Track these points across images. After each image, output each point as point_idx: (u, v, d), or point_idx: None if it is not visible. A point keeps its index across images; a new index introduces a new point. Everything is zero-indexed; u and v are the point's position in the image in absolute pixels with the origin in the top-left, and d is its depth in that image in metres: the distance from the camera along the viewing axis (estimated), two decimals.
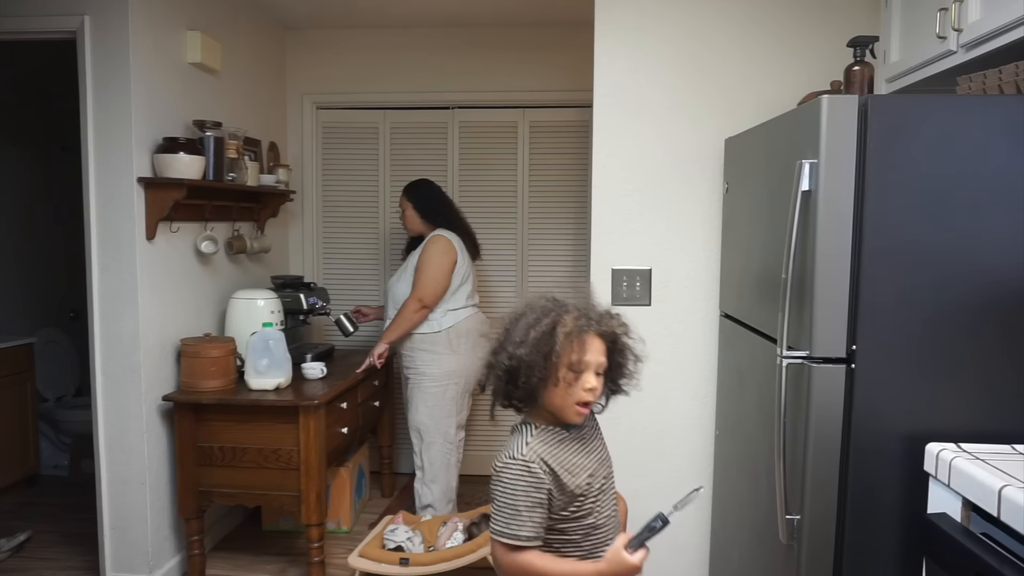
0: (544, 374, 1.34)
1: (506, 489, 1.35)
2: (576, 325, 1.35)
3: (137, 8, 2.63)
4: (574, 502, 1.38)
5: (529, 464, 1.35)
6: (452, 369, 3.10)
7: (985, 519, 1.34)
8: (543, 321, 1.36)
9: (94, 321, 2.69)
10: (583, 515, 1.40)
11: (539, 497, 1.34)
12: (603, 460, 1.48)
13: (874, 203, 1.62)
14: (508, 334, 1.40)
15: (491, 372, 1.42)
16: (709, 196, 2.56)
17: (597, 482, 1.42)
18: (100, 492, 2.75)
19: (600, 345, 1.38)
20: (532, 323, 1.37)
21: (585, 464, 1.41)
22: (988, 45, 1.72)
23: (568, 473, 1.37)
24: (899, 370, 1.63)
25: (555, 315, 1.37)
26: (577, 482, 1.38)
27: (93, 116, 2.63)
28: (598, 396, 1.40)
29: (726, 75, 2.53)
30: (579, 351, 1.35)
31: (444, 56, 3.92)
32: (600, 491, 1.43)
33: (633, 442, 2.63)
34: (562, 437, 1.42)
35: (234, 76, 3.37)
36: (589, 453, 1.44)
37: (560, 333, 1.34)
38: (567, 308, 1.39)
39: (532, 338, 1.34)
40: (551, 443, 1.39)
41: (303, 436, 2.71)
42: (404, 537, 2.77)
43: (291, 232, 4.07)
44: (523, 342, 1.35)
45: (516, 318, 1.41)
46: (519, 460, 1.36)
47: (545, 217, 3.96)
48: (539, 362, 1.34)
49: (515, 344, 1.36)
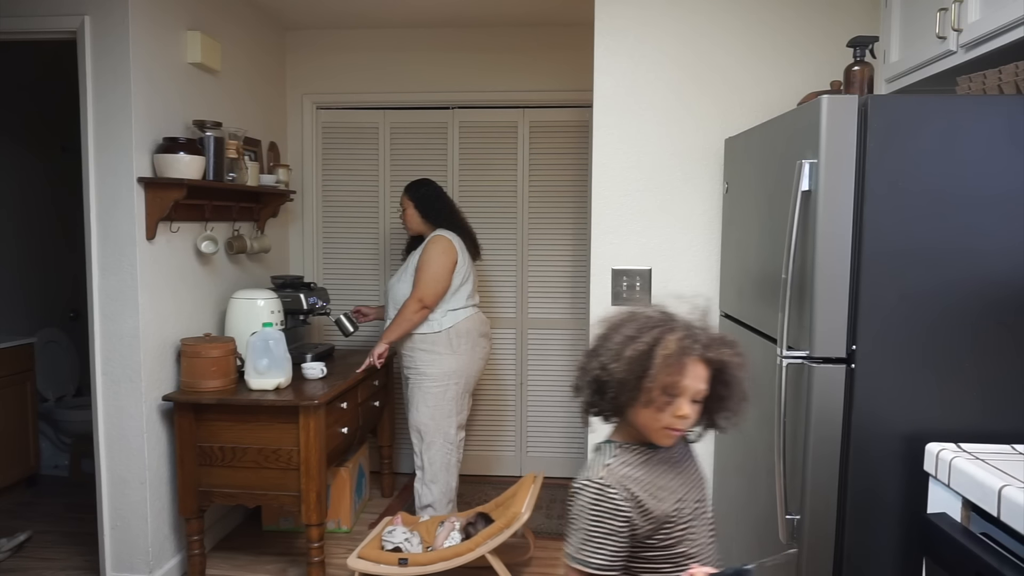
0: (635, 394, 1.23)
1: (581, 513, 1.25)
2: (679, 347, 1.22)
3: (137, 8, 2.63)
4: (661, 529, 1.26)
5: (606, 489, 1.24)
6: (452, 369, 3.10)
7: (985, 519, 1.34)
8: (643, 337, 1.23)
9: (94, 321, 2.69)
10: (672, 543, 1.27)
11: (615, 526, 1.23)
12: (695, 483, 1.34)
13: (874, 203, 1.62)
14: (604, 342, 1.28)
15: (581, 377, 1.32)
16: (709, 196, 2.56)
17: (687, 507, 1.29)
18: (100, 492, 2.75)
19: (703, 372, 1.24)
20: (631, 337, 1.24)
21: (673, 487, 1.29)
22: (988, 45, 1.72)
23: (653, 497, 1.26)
24: (899, 370, 1.63)
25: (658, 332, 1.23)
26: (664, 507, 1.26)
27: (93, 116, 2.63)
28: (691, 424, 1.27)
29: (726, 75, 2.53)
30: (677, 374, 1.22)
31: (444, 56, 3.93)
32: (692, 517, 1.30)
33: None
34: (648, 457, 1.30)
35: (234, 76, 3.37)
36: (678, 475, 1.32)
37: (659, 354, 1.21)
38: (673, 326, 1.25)
39: (628, 355, 1.22)
40: (634, 464, 1.28)
41: (303, 436, 2.71)
42: (402, 538, 2.77)
43: (291, 232, 4.07)
44: (618, 357, 1.23)
45: (616, 325, 1.29)
46: (595, 484, 1.25)
47: (545, 217, 3.96)
48: (631, 381, 1.22)
49: (609, 356, 1.25)
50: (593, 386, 1.28)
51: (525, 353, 4.03)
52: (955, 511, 1.42)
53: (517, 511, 2.73)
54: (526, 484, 2.95)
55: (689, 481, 1.33)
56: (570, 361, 3.99)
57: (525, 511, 2.74)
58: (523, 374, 4.04)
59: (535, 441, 4.06)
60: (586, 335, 3.79)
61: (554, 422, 4.04)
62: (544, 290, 3.99)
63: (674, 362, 1.21)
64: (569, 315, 3.98)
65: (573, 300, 3.97)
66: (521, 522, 2.70)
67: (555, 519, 3.52)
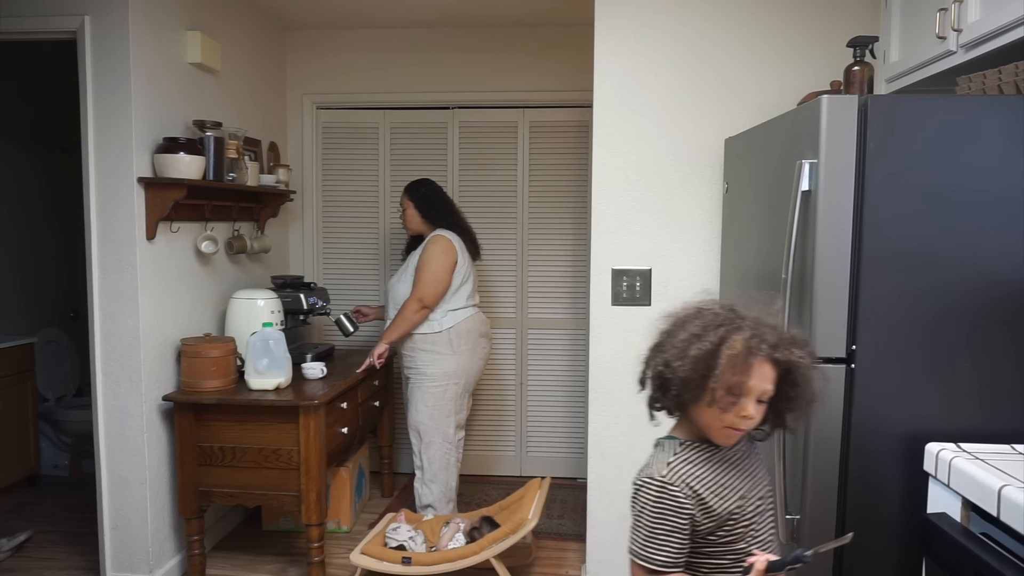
0: (698, 393, 1.22)
1: (644, 510, 1.25)
2: (746, 347, 1.19)
3: (137, 8, 2.63)
4: (723, 526, 1.25)
5: (669, 487, 1.23)
6: (452, 369, 3.10)
7: (985, 519, 1.34)
8: (709, 336, 1.20)
9: (94, 321, 2.69)
10: (734, 540, 1.26)
11: (679, 523, 1.22)
12: (757, 480, 1.33)
13: (874, 203, 1.62)
14: (669, 338, 1.26)
15: (645, 372, 1.30)
16: (709, 196, 2.56)
17: (750, 505, 1.28)
18: (100, 492, 2.75)
19: (770, 372, 1.21)
20: (696, 335, 1.22)
21: (736, 485, 1.27)
22: (988, 45, 1.72)
23: (716, 496, 1.25)
24: (899, 370, 1.63)
25: (724, 331, 1.21)
26: (726, 505, 1.25)
27: (93, 116, 2.63)
28: (755, 424, 1.25)
29: (726, 75, 2.53)
30: (742, 374, 1.19)
31: (444, 56, 3.93)
32: (755, 514, 1.29)
33: (633, 441, 2.63)
34: (711, 454, 1.28)
35: (234, 76, 3.37)
36: (741, 472, 1.30)
37: (724, 355, 1.18)
38: (741, 325, 1.22)
39: (692, 355, 1.20)
40: (697, 462, 1.27)
41: (303, 436, 2.71)
42: (406, 536, 2.77)
43: (291, 232, 4.07)
44: (682, 356, 1.21)
45: (681, 322, 1.26)
46: (658, 481, 1.24)
47: (545, 217, 3.96)
48: (695, 380, 1.20)
49: (673, 354, 1.22)
50: (656, 382, 1.27)
51: (525, 353, 4.03)
52: (955, 511, 1.42)
53: (524, 517, 2.72)
54: (533, 489, 2.93)
55: (752, 478, 1.31)
56: (570, 361, 3.99)
57: (532, 518, 2.72)
58: (523, 374, 4.04)
59: (535, 441, 4.06)
60: (586, 335, 3.79)
61: (554, 422, 4.04)
62: (544, 290, 3.99)
63: (740, 362, 1.18)
64: (569, 315, 3.98)
65: (573, 300, 3.97)
66: (528, 529, 2.69)
67: (555, 519, 3.52)
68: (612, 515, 2.68)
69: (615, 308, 2.62)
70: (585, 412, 3.54)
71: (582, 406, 3.95)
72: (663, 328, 1.30)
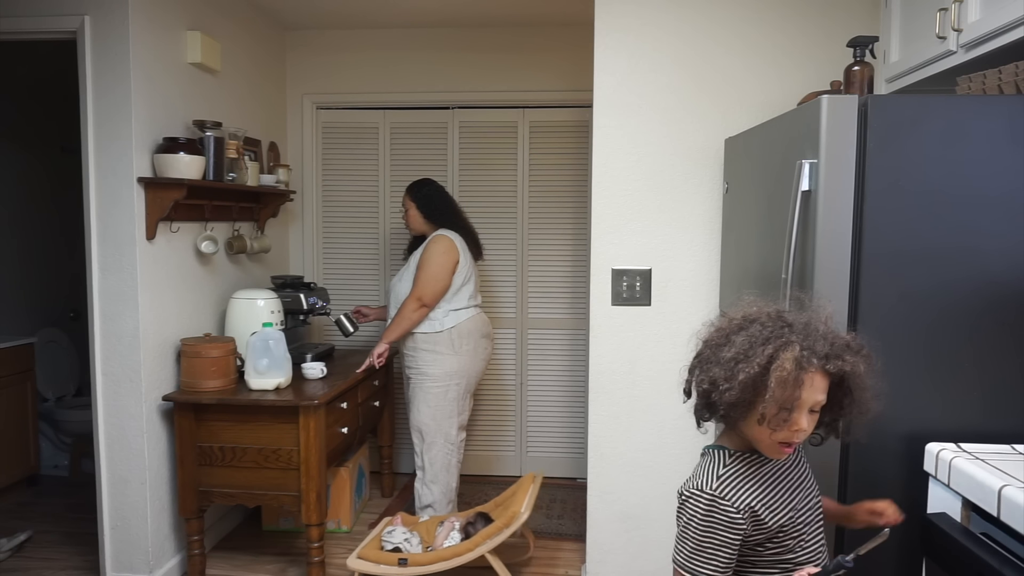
0: (747, 412, 1.18)
1: (691, 522, 1.21)
2: (796, 365, 1.14)
3: (137, 8, 2.63)
4: (774, 538, 1.23)
5: (720, 502, 1.19)
6: (454, 370, 3.10)
7: (985, 519, 1.34)
8: (756, 357, 1.14)
9: (94, 321, 2.69)
10: (782, 552, 1.24)
11: (729, 538, 1.19)
12: (808, 491, 1.30)
13: (874, 203, 1.62)
14: (714, 351, 1.21)
15: (689, 383, 1.26)
16: (709, 196, 2.56)
17: (801, 516, 1.25)
18: (100, 492, 2.75)
19: (821, 383, 1.17)
20: (743, 354, 1.16)
21: (788, 498, 1.25)
22: (988, 45, 1.72)
23: (768, 510, 1.21)
24: (899, 370, 1.63)
25: (773, 349, 1.15)
26: (778, 519, 1.22)
27: (93, 116, 2.63)
28: (807, 435, 1.21)
29: (726, 75, 2.53)
30: (793, 390, 1.14)
31: (444, 56, 3.93)
32: (805, 525, 1.26)
33: (633, 441, 2.63)
34: (761, 466, 1.25)
35: (234, 76, 3.37)
36: (792, 483, 1.27)
37: (774, 377, 1.13)
38: (790, 340, 1.16)
39: (740, 380, 1.15)
40: (749, 476, 1.23)
41: (303, 436, 2.71)
42: (402, 538, 2.77)
43: (291, 232, 4.07)
44: (730, 379, 1.16)
45: (726, 334, 1.21)
46: (708, 495, 1.20)
47: (545, 217, 3.96)
48: (744, 403, 1.16)
49: (721, 375, 1.18)
50: (702, 400, 1.23)
51: (525, 353, 4.03)
52: (955, 511, 1.42)
53: (516, 511, 2.73)
54: (525, 484, 2.95)
55: (803, 489, 1.29)
56: (570, 361, 3.99)
57: (524, 511, 2.74)
58: (523, 374, 4.04)
59: (535, 441, 4.06)
60: (586, 335, 3.79)
61: (554, 422, 4.04)
62: (544, 290, 3.99)
63: (791, 380, 1.14)
64: (569, 315, 3.98)
65: (573, 300, 3.97)
66: (520, 521, 2.70)
67: (555, 519, 3.52)
68: (612, 515, 2.68)
69: (615, 308, 2.62)
70: (585, 412, 3.54)
71: (582, 406, 3.95)
72: (706, 338, 1.26)
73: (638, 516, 2.67)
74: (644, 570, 2.67)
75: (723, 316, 1.27)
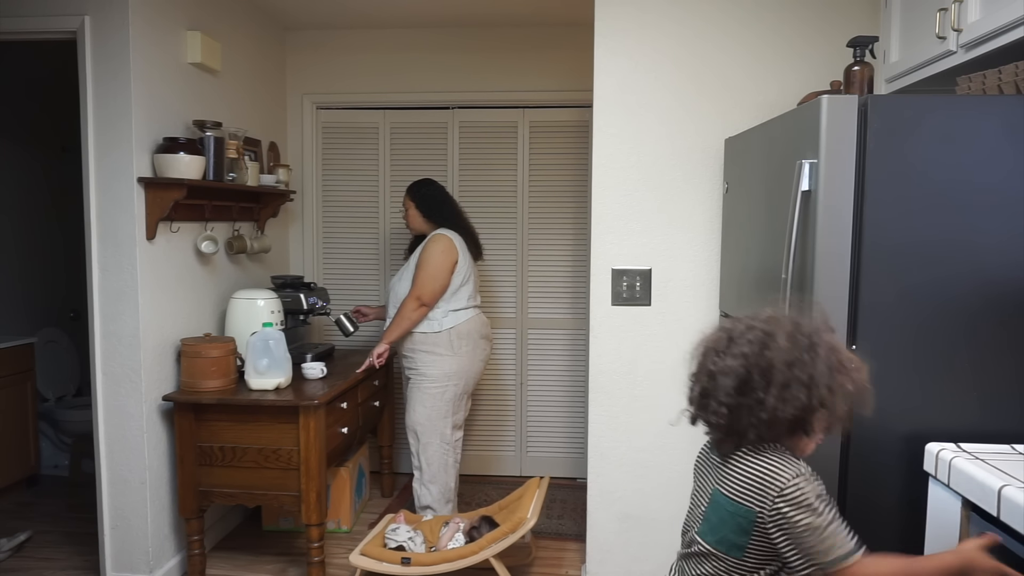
0: (823, 421, 1.28)
1: (816, 507, 1.23)
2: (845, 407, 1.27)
3: (137, 8, 2.63)
4: None
5: (813, 473, 1.26)
6: (453, 370, 3.10)
7: (985, 519, 1.34)
8: (799, 397, 1.23)
9: (94, 321, 2.69)
10: None
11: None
12: None
13: (874, 203, 1.62)
14: (799, 371, 1.24)
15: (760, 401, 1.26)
16: (709, 196, 2.56)
17: None
18: (100, 492, 2.75)
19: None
20: (780, 398, 1.23)
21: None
22: (988, 45, 1.72)
23: None
24: (899, 370, 1.63)
25: (818, 396, 1.24)
26: None
27: (93, 116, 2.63)
28: None
29: (726, 75, 2.53)
30: (840, 410, 1.28)
31: (444, 56, 3.93)
32: None
33: (633, 441, 2.63)
34: None
35: (234, 76, 3.37)
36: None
37: (815, 420, 1.26)
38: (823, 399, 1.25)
39: (783, 420, 1.24)
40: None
41: (303, 436, 2.71)
42: (406, 536, 2.77)
43: (291, 232, 4.07)
44: (775, 422, 1.25)
45: (764, 371, 1.25)
46: (805, 474, 1.25)
47: (545, 217, 3.96)
48: (786, 432, 1.27)
49: (765, 414, 1.25)
50: (794, 418, 1.25)
51: (525, 353, 4.03)
52: (955, 511, 1.42)
53: (523, 516, 2.71)
54: (532, 488, 2.93)
55: None
56: (570, 361, 3.99)
57: (531, 517, 2.72)
58: (523, 374, 4.04)
59: (535, 441, 4.06)
60: (586, 335, 3.79)
61: (554, 422, 4.04)
62: (544, 290, 3.99)
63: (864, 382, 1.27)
64: (569, 315, 3.98)
65: (573, 300, 3.97)
66: (527, 528, 2.68)
67: (555, 519, 3.52)
68: (612, 515, 2.68)
69: (615, 308, 2.62)
70: (585, 412, 3.54)
71: (582, 406, 3.95)
72: (711, 356, 1.32)
73: (638, 516, 2.67)
74: (644, 570, 2.67)
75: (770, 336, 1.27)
